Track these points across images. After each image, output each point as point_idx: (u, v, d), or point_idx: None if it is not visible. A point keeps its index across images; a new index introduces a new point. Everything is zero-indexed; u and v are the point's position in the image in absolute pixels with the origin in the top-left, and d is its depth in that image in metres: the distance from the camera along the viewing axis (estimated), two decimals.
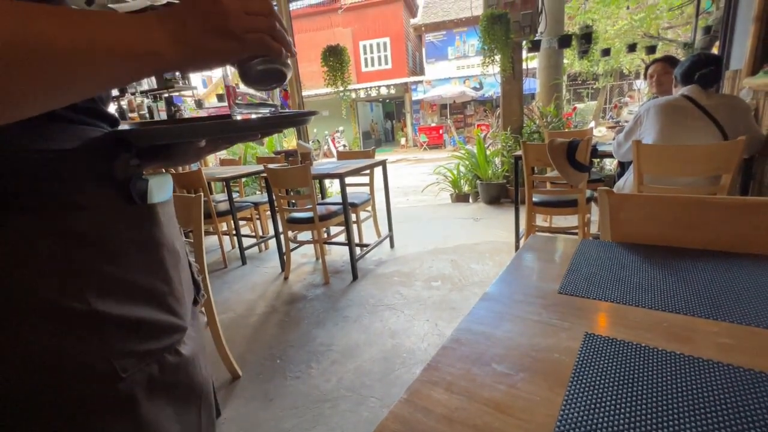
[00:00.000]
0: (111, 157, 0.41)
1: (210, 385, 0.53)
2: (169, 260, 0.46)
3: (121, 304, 0.39)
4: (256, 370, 1.78)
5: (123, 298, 0.39)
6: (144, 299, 0.42)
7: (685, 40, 5.39)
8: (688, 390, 0.42)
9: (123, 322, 0.39)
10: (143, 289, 0.42)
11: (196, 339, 0.51)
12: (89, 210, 0.38)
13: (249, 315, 2.32)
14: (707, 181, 1.78)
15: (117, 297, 0.39)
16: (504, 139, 4.42)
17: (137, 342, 0.40)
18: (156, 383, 0.42)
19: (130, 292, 0.40)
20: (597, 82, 12.62)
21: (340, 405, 1.51)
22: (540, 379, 0.46)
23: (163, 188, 0.47)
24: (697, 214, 0.86)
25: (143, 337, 0.41)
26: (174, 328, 0.45)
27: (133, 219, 0.42)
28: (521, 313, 0.60)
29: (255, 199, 3.58)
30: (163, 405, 0.43)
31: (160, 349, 0.43)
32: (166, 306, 0.44)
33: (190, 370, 0.47)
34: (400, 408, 0.43)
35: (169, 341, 0.44)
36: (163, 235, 0.46)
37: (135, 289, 0.41)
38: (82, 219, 0.38)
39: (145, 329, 0.41)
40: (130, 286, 0.40)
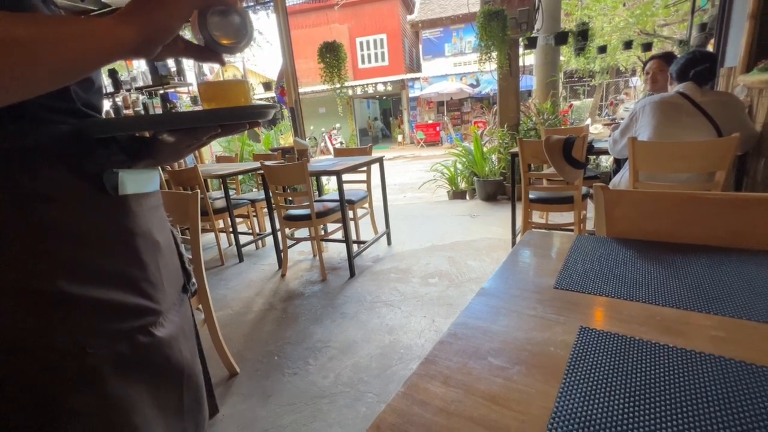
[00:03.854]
0: (86, 153, 0.45)
1: (196, 368, 0.55)
2: (143, 248, 0.49)
3: (89, 286, 0.42)
4: (254, 367, 1.78)
5: (91, 281, 0.42)
6: (114, 283, 0.44)
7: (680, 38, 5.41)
8: (680, 382, 0.42)
9: (91, 302, 0.42)
10: (113, 273, 0.45)
11: (178, 323, 0.53)
12: (60, 201, 0.41)
13: (246, 312, 2.32)
14: (702, 178, 1.79)
15: (85, 279, 0.42)
16: (501, 136, 4.42)
17: (105, 321, 0.43)
18: (125, 361, 0.45)
19: (98, 275, 0.43)
20: (593, 79, 12.65)
21: (338, 401, 1.51)
22: (536, 372, 0.46)
23: (141, 182, 0.50)
24: (691, 209, 0.87)
25: (111, 317, 0.44)
26: (146, 310, 0.48)
27: (106, 209, 0.46)
28: (517, 308, 0.61)
29: (252, 197, 3.57)
30: (133, 382, 0.46)
31: (129, 329, 0.46)
32: (139, 290, 0.47)
33: (166, 352, 0.50)
34: (397, 401, 0.44)
35: (141, 322, 0.47)
36: (136, 224, 0.48)
37: (104, 273, 0.44)
38: (54, 209, 0.41)
39: (113, 310, 0.44)
40: (99, 270, 0.43)
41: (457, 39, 15.18)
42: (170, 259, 0.56)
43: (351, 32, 15.50)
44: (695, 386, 0.41)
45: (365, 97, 17.73)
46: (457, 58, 15.29)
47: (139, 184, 0.50)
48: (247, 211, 3.49)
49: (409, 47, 16.62)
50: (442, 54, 15.50)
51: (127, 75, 4.22)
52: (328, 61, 4.34)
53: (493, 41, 3.88)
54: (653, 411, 0.39)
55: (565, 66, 9.59)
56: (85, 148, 0.45)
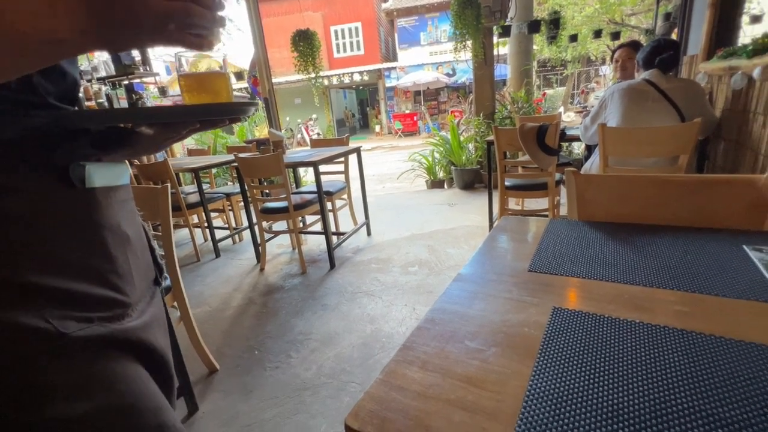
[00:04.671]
0: (54, 146, 0.43)
1: (167, 357, 0.55)
2: (111, 241, 0.48)
3: (54, 277, 0.41)
4: (234, 362, 1.75)
5: (56, 273, 0.42)
6: (78, 274, 0.44)
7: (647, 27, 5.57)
8: (647, 355, 0.44)
9: (58, 293, 0.41)
10: (80, 265, 0.44)
11: (150, 314, 0.53)
12: (24, 193, 0.40)
13: (225, 308, 2.27)
14: (667, 162, 1.87)
15: (51, 271, 0.41)
16: (477, 124, 4.47)
17: (73, 310, 0.43)
18: (102, 341, 0.45)
19: (64, 267, 0.43)
20: (565, 68, 12.91)
21: (321, 392, 1.51)
22: (511, 353, 0.47)
23: (109, 175, 0.49)
24: (657, 192, 0.90)
25: (80, 307, 0.43)
26: (115, 302, 0.47)
27: (72, 202, 0.45)
28: (493, 292, 0.62)
29: (227, 190, 3.48)
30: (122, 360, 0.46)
31: (100, 317, 0.45)
32: (106, 282, 0.47)
33: (139, 335, 0.49)
34: (376, 388, 0.44)
35: (109, 313, 0.47)
36: (104, 217, 0.48)
37: (70, 265, 0.43)
38: (18, 201, 0.40)
39: (80, 301, 0.44)
40: (65, 262, 0.43)
41: (433, 28, 15.13)
42: (141, 252, 0.56)
43: (325, 20, 15.19)
44: (660, 358, 0.43)
45: (341, 87, 17.48)
46: (433, 47, 15.26)
47: (107, 178, 0.49)
48: (222, 205, 3.40)
49: (385, 36, 16.45)
50: (417, 43, 15.43)
51: (88, 65, 4.00)
52: (301, 50, 4.24)
53: (468, 29, 3.88)
54: (621, 383, 0.40)
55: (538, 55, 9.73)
56: (53, 141, 0.43)
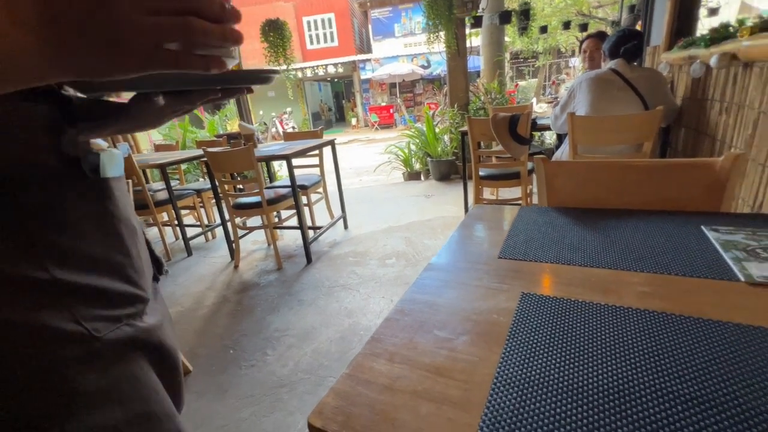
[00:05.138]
0: (58, 133, 0.41)
1: (178, 360, 0.55)
2: (125, 233, 0.47)
3: (80, 273, 0.40)
4: (208, 363, 1.70)
5: (82, 268, 0.40)
6: (103, 270, 0.42)
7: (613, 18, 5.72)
8: (611, 336, 0.44)
9: (85, 290, 0.40)
10: (101, 260, 0.43)
11: (160, 310, 0.53)
12: (40, 184, 0.38)
13: (198, 308, 2.20)
14: (632, 149, 1.93)
15: (76, 267, 0.39)
16: (452, 116, 4.49)
17: (102, 309, 0.41)
18: (130, 344, 0.44)
19: (88, 262, 0.41)
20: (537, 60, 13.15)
21: (298, 388, 1.49)
22: (479, 341, 0.47)
23: (114, 163, 0.47)
24: (622, 177, 0.92)
25: (107, 305, 0.42)
26: (136, 298, 0.46)
27: (87, 193, 0.43)
28: (464, 280, 0.61)
29: (197, 186, 3.36)
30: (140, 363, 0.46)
31: (126, 315, 0.44)
32: (126, 277, 0.45)
33: (159, 336, 0.49)
34: (341, 383, 0.42)
35: (132, 310, 0.45)
36: (117, 208, 0.46)
37: (93, 260, 0.42)
38: (35, 193, 0.37)
39: (107, 298, 0.42)
40: (88, 257, 0.41)
41: (407, 19, 15.04)
42: (143, 246, 0.54)
43: (297, 11, 14.82)
44: (624, 339, 0.44)
45: (316, 79, 17.19)
46: (407, 39, 15.18)
47: (117, 168, 0.47)
48: (193, 201, 3.28)
49: (359, 27, 16.24)
50: (392, 35, 15.31)
51: None
52: (271, 41, 4.13)
53: (440, 20, 3.87)
54: (587, 365, 0.40)
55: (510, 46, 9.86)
56: (59, 129, 0.41)
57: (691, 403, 0.35)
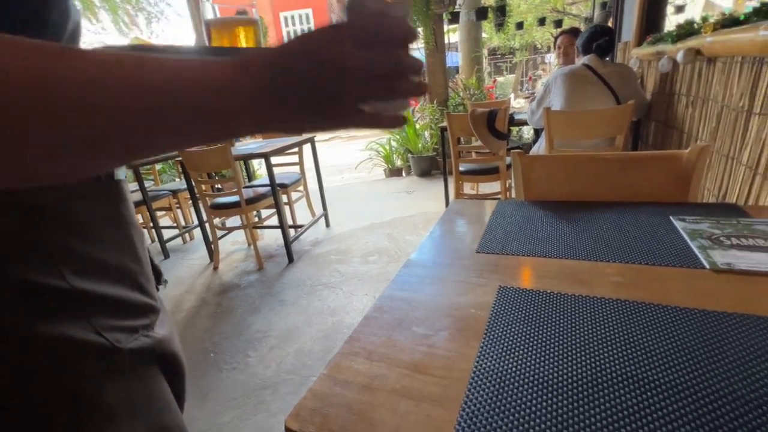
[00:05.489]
0: None
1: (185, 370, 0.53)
2: (136, 238, 0.44)
3: (98, 282, 0.38)
4: (188, 367, 1.66)
5: (99, 277, 0.38)
6: (118, 278, 0.40)
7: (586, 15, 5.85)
8: (585, 326, 0.45)
9: (104, 299, 0.38)
10: (116, 267, 0.40)
11: (167, 319, 0.51)
12: (56, 188, 0.35)
13: (176, 311, 2.14)
14: (605, 143, 1.98)
15: (93, 275, 0.37)
16: (431, 112, 4.50)
17: (120, 319, 0.39)
18: (148, 355, 0.42)
19: (104, 270, 0.39)
20: (514, 56, 13.34)
21: (282, 389, 1.47)
22: (457, 336, 0.47)
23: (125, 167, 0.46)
24: (595, 170, 0.94)
25: (124, 315, 0.40)
26: (149, 307, 0.44)
27: (101, 196, 0.40)
28: (442, 275, 0.61)
29: (173, 187, 3.27)
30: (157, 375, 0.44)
31: (142, 326, 0.43)
32: (139, 285, 0.43)
33: (171, 347, 0.47)
34: (319, 384, 0.41)
35: (147, 321, 0.43)
36: (129, 212, 0.44)
37: (109, 268, 0.39)
38: (51, 197, 0.35)
39: (124, 307, 0.40)
40: (105, 265, 0.39)
41: None
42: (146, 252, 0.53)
43: (274, 6, 14.54)
44: (598, 329, 0.45)
45: None
46: None
47: (124, 170, 0.45)
48: (168, 203, 3.18)
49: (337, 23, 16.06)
50: None
51: None
52: None
53: (418, 16, 3.87)
54: (561, 356, 0.41)
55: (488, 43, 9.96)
56: None
57: (659, 389, 0.36)
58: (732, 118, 1.19)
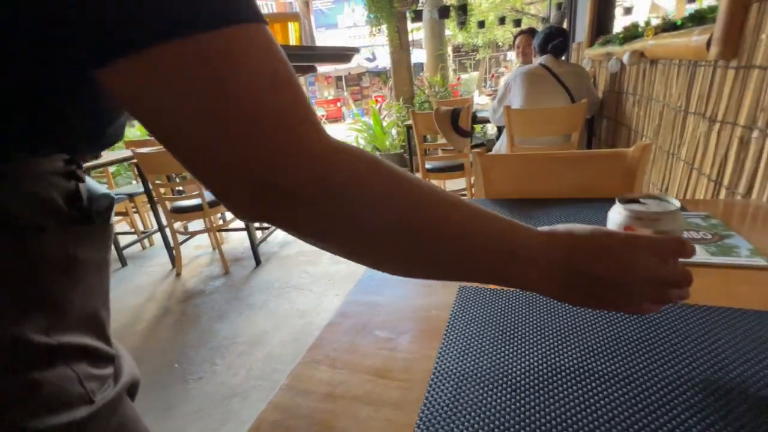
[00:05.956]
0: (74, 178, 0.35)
1: None
2: (108, 281, 0.41)
3: (80, 334, 0.35)
4: (150, 380, 1.59)
5: (82, 328, 0.35)
6: (91, 327, 0.37)
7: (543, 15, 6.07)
8: (539, 321, 0.47)
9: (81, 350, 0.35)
10: (93, 315, 0.38)
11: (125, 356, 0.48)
12: (52, 233, 0.32)
13: (136, 322, 2.04)
14: (562, 139, 2.07)
15: (73, 324, 0.35)
16: (398, 109, 4.53)
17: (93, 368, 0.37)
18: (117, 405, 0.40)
19: (87, 320, 0.36)
20: (478, 53, 13.64)
21: (251, 396, 1.45)
22: (419, 338, 0.48)
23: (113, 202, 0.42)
24: (550, 168, 0.99)
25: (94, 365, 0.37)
26: (111, 358, 0.41)
27: (92, 240, 0.36)
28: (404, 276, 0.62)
29: (129, 190, 3.09)
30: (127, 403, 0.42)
31: (106, 376, 0.40)
32: (105, 336, 0.40)
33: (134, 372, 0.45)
34: (280, 396, 0.41)
35: (111, 370, 0.40)
36: (109, 254, 0.39)
37: (90, 318, 0.37)
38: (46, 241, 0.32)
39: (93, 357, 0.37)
40: (83, 312, 0.36)
41: (350, 11, 14.86)
42: None
43: None
44: (552, 325, 0.47)
45: None
46: (351, 31, 15.02)
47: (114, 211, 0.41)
48: (125, 207, 3.02)
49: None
50: (335, 26, 15.07)
51: None
52: None
53: (382, 13, 3.87)
54: (516, 352, 0.43)
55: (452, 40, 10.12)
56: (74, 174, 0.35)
57: (603, 378, 0.38)
58: (671, 117, 1.28)
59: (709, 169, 1.04)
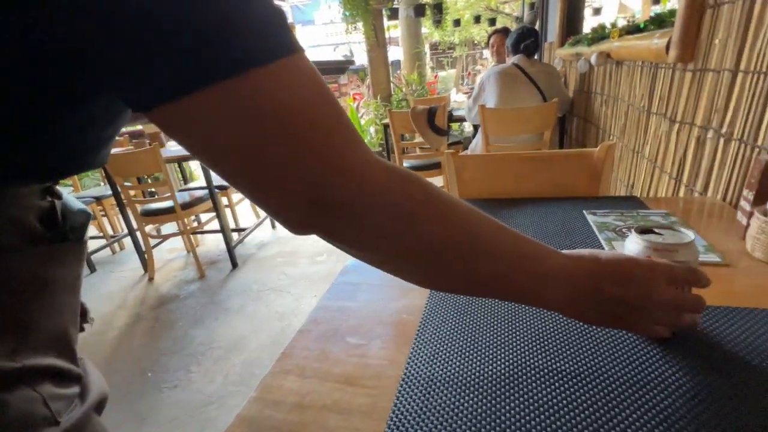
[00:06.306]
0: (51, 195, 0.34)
1: None
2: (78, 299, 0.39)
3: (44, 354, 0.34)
4: (122, 390, 1.54)
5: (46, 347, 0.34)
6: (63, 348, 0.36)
7: (517, 15, 6.17)
8: (506, 323, 0.48)
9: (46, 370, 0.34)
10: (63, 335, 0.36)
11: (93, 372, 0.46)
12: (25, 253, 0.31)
13: (106, 330, 1.97)
14: (535, 138, 2.12)
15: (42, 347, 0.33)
16: (375, 108, 4.52)
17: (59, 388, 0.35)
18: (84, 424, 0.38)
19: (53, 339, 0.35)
20: (454, 51, 13.75)
21: (229, 402, 1.42)
22: (389, 343, 0.48)
23: None
24: (522, 168, 1.01)
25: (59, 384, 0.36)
26: (77, 376, 0.39)
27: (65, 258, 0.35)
28: (375, 281, 0.62)
29: (97, 193, 2.97)
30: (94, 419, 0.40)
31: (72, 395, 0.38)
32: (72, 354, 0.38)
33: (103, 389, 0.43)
34: (248, 409, 0.40)
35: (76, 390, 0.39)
36: (81, 271, 0.38)
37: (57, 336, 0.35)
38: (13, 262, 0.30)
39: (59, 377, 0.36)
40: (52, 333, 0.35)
41: (327, 7, 14.69)
42: None
43: None
44: (517, 324, 0.48)
45: None
46: (328, 28, 14.86)
47: None
48: (92, 210, 2.89)
49: None
50: (312, 23, 14.87)
51: None
52: None
53: (358, 11, 3.85)
54: (484, 354, 0.43)
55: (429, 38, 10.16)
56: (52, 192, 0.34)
57: (569, 377, 0.39)
58: (636, 117, 1.33)
59: (670, 167, 1.08)
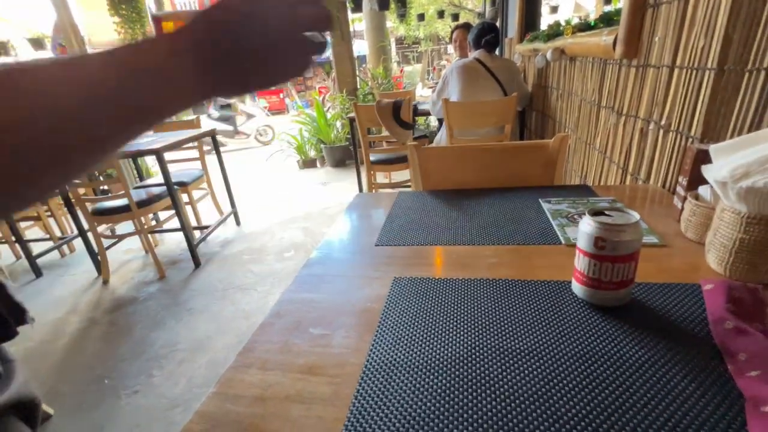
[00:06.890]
0: None
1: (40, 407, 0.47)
2: None
3: None
4: (77, 400, 1.45)
5: None
6: None
7: (479, 10, 6.29)
8: (465, 307, 0.50)
9: None
10: None
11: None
12: None
13: (56, 338, 1.84)
14: (497, 131, 2.18)
15: None
16: (341, 101, 4.47)
17: None
18: None
19: None
20: (420, 46, 13.84)
21: (194, 405, 1.37)
22: (353, 332, 0.48)
23: None
24: (482, 159, 1.04)
25: None
26: None
27: None
28: (340, 272, 0.62)
29: None
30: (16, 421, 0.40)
31: None
32: None
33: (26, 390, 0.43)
34: (207, 405, 0.40)
35: None
36: None
37: None
38: None
39: None
40: None
41: None
42: None
43: None
44: (477, 308, 0.50)
45: None
46: None
47: None
48: (36, 211, 2.69)
49: None
50: None
51: None
52: (124, 15, 3.52)
53: None
54: (443, 337, 0.45)
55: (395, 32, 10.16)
56: None
57: (521, 354, 0.42)
58: (588, 110, 1.40)
59: (617, 157, 1.16)
